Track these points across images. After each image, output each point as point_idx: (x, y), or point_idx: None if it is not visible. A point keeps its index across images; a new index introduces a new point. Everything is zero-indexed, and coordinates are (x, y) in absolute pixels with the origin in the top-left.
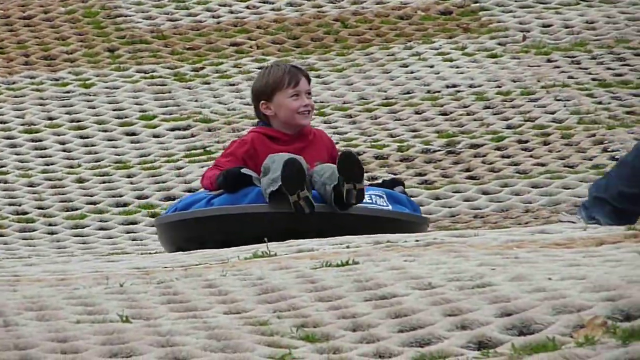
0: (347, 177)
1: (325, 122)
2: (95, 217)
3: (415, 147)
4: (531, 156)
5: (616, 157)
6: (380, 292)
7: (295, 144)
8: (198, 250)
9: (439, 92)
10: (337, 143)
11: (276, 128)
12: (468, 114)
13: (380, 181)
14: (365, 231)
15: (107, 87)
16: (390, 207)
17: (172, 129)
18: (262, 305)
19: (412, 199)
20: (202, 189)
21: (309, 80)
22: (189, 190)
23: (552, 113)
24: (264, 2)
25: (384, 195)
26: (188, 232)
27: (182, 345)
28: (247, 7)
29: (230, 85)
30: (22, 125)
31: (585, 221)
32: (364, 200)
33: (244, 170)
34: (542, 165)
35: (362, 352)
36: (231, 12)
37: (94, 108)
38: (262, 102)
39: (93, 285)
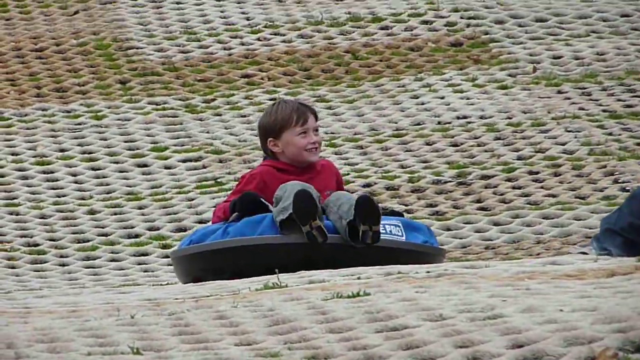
0: (364, 219)
1: (336, 154)
2: (106, 248)
3: (426, 178)
4: (542, 187)
5: (627, 188)
6: (391, 323)
7: (305, 175)
8: (209, 282)
9: (449, 123)
10: (347, 174)
11: (284, 162)
12: (479, 145)
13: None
14: (380, 262)
15: (118, 119)
16: (404, 238)
17: (184, 160)
18: (273, 337)
19: None
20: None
21: (316, 117)
22: (201, 222)
23: (563, 144)
24: (275, 34)
25: (400, 225)
26: (205, 264)
27: None
28: (258, 39)
29: (242, 116)
30: (34, 157)
31: (597, 252)
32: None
33: (262, 199)
34: (553, 196)
35: None
36: (242, 44)
37: (105, 140)
38: (270, 139)
39: (104, 317)
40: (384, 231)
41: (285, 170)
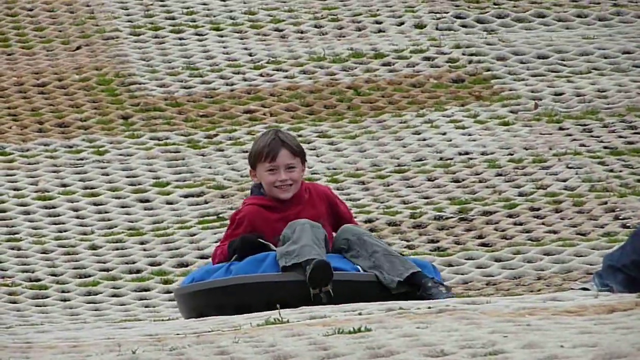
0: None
1: (338, 189)
2: (108, 284)
3: (427, 213)
4: (543, 223)
5: (628, 225)
6: (392, 359)
7: (291, 208)
8: (210, 317)
9: (451, 159)
10: (349, 209)
11: (268, 196)
12: (480, 181)
13: None
14: (379, 298)
15: (120, 154)
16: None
17: (186, 196)
18: None
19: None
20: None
21: (295, 152)
22: (202, 257)
23: (564, 181)
24: (278, 70)
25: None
26: (209, 300)
27: None
28: (261, 75)
29: (244, 152)
30: (36, 192)
31: (599, 288)
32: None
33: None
34: (554, 232)
35: None
36: (245, 80)
37: (107, 175)
38: (250, 169)
39: (105, 353)
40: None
41: (270, 207)
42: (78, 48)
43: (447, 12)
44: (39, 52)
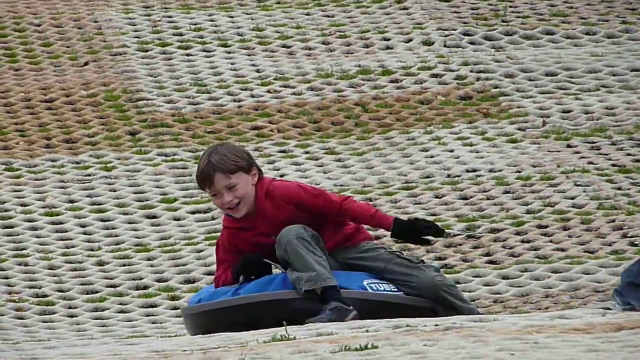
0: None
1: None
2: (115, 300)
3: None
4: (551, 241)
5: (636, 242)
6: None
7: (259, 221)
8: (217, 334)
9: (458, 176)
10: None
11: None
12: (488, 198)
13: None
14: (382, 316)
15: (128, 170)
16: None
17: (193, 212)
18: None
19: None
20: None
21: (231, 171)
22: (209, 274)
23: (572, 198)
24: (285, 86)
25: None
26: (218, 320)
27: None
28: (268, 91)
29: None
30: (43, 208)
31: (622, 307)
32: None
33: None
34: (562, 250)
35: None
36: (252, 96)
37: (115, 191)
38: None
39: None
40: (380, 289)
41: (240, 228)
42: (86, 64)
43: (455, 30)
44: (47, 67)
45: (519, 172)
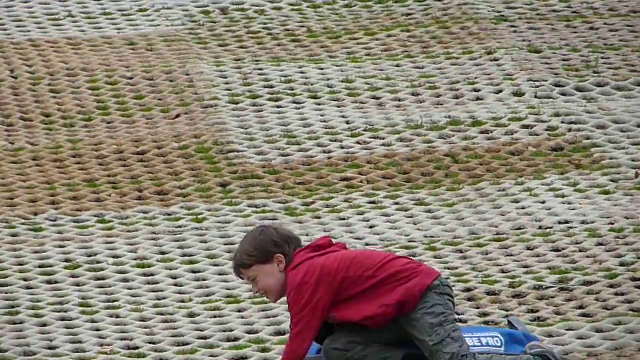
0: None
1: (435, 257)
2: (206, 352)
3: (527, 283)
4: None
5: None
6: None
7: None
8: None
9: (551, 228)
10: (447, 278)
11: None
12: (580, 251)
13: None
14: None
15: (219, 222)
16: (503, 349)
17: None
18: None
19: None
20: None
21: (245, 266)
22: None
23: None
24: (375, 138)
25: (499, 336)
26: None
27: None
28: (358, 143)
29: (341, 219)
30: (135, 259)
31: None
32: (475, 344)
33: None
34: None
35: None
36: (342, 147)
37: (205, 242)
38: None
39: None
40: (479, 344)
41: None
42: (177, 116)
43: (546, 81)
44: (139, 120)
45: (612, 224)
